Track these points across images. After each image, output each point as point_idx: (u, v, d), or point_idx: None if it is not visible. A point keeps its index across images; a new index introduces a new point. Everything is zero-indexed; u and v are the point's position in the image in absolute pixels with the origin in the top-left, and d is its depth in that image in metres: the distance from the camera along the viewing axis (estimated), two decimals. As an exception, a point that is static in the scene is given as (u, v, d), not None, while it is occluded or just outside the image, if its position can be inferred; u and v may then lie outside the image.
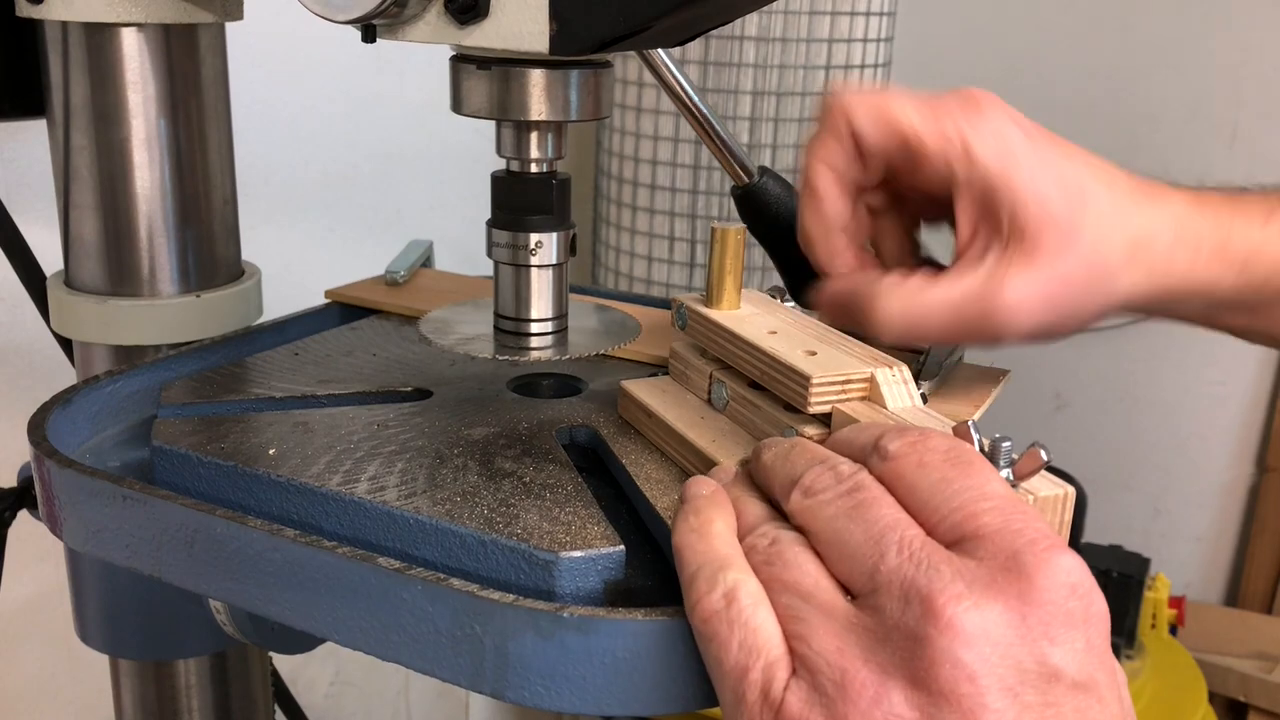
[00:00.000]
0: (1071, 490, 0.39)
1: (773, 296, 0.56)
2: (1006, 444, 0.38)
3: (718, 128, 0.58)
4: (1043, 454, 0.38)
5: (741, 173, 0.58)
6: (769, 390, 0.48)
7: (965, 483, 0.34)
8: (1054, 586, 0.31)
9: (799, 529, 0.37)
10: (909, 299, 0.46)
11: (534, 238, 0.50)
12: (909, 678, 0.31)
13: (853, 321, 0.49)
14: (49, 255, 0.68)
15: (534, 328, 0.52)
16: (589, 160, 1.48)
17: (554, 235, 0.51)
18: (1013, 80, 1.66)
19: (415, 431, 0.51)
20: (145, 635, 0.65)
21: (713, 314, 0.52)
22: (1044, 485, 0.39)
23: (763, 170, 0.59)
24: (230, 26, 0.64)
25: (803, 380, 0.45)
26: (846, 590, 0.34)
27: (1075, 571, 0.32)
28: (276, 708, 0.85)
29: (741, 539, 0.37)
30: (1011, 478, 0.38)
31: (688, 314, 0.53)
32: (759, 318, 0.51)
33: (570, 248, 0.52)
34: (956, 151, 0.47)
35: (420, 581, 0.38)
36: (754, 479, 0.40)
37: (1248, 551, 1.76)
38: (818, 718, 0.32)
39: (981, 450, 0.38)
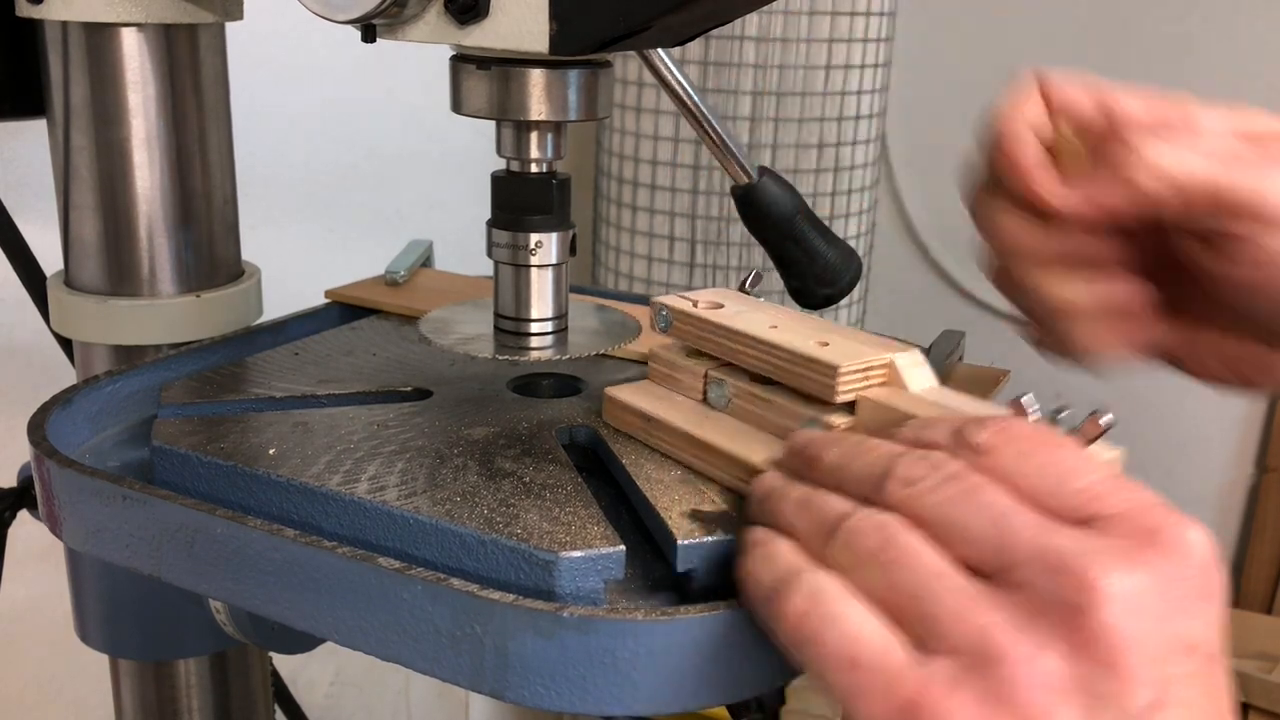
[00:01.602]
0: (1122, 452, 0.39)
1: (743, 291, 0.55)
2: (1065, 413, 0.38)
3: (718, 128, 0.58)
4: (1106, 419, 0.38)
5: (741, 173, 0.58)
6: (781, 384, 0.48)
7: (1072, 466, 0.34)
8: (1189, 561, 0.32)
9: None
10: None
11: (534, 238, 0.50)
12: (1066, 649, 0.31)
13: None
14: (49, 255, 0.68)
15: (534, 328, 0.52)
16: (589, 160, 1.48)
17: (554, 235, 0.51)
18: (1013, 80, 1.66)
19: (415, 431, 0.51)
20: (145, 635, 0.65)
21: (705, 313, 0.51)
22: (1098, 450, 0.39)
23: (763, 170, 0.59)
24: (230, 26, 0.64)
25: (828, 370, 0.45)
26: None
27: (1206, 545, 0.33)
28: (276, 708, 0.85)
29: (829, 535, 0.36)
30: None
31: (672, 315, 0.53)
32: (750, 314, 0.51)
33: (570, 248, 0.52)
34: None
35: (420, 581, 0.38)
36: (814, 480, 0.39)
37: (1248, 551, 1.76)
38: (969, 698, 0.31)
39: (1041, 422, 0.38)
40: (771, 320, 0.50)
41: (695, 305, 0.52)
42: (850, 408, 0.45)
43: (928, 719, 0.31)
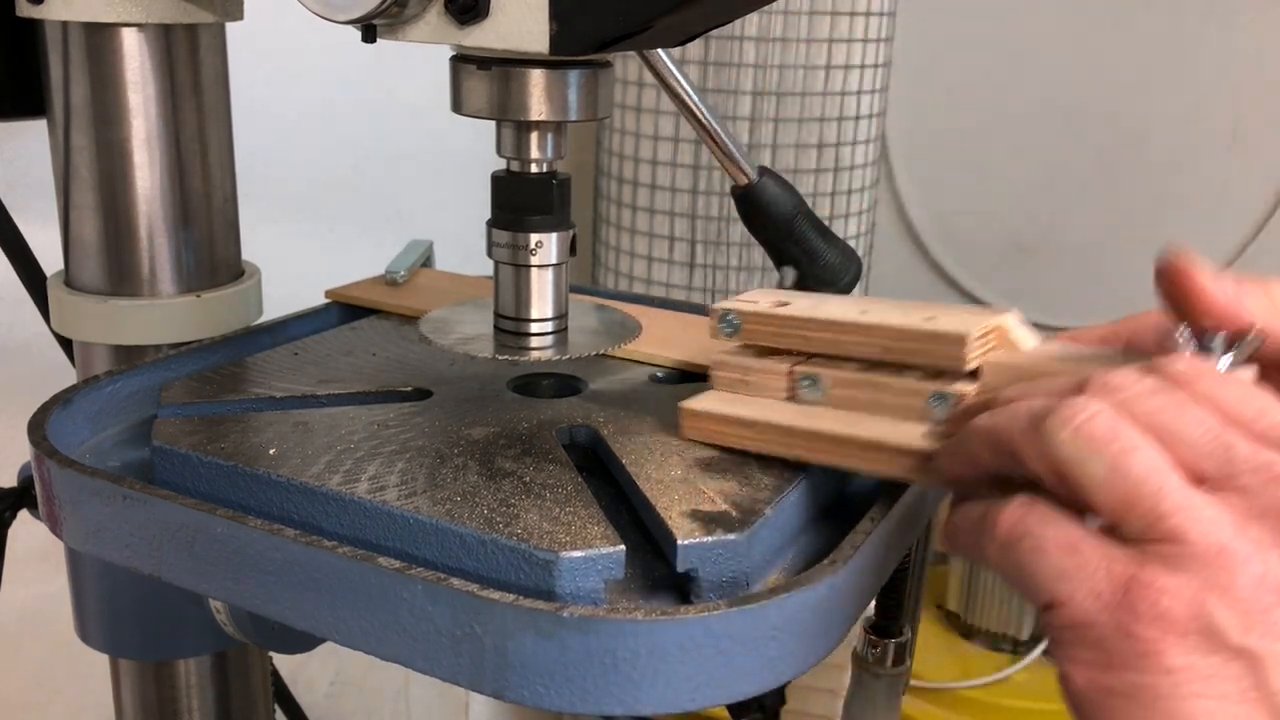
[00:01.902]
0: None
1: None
2: (1218, 338, 0.38)
3: (718, 128, 0.58)
4: (1253, 337, 0.38)
5: (741, 173, 0.58)
6: (895, 364, 0.47)
7: (1266, 402, 0.35)
8: None
9: None
10: None
11: (534, 238, 0.50)
12: None
13: None
14: (49, 255, 0.68)
15: (534, 327, 0.52)
16: (589, 160, 1.48)
17: (554, 235, 0.51)
18: (1013, 81, 1.67)
19: (415, 431, 0.51)
20: (145, 635, 0.65)
21: (782, 311, 0.50)
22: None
23: (763, 170, 0.59)
24: (230, 26, 0.64)
25: (956, 340, 0.44)
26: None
27: None
28: (276, 708, 0.85)
29: (1038, 424, 0.36)
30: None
31: (742, 318, 0.51)
32: (826, 305, 0.50)
33: (570, 248, 0.52)
34: None
35: (420, 581, 0.38)
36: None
37: (1248, 551, 1.76)
38: (1188, 582, 0.32)
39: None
40: (851, 307, 0.49)
41: (759, 305, 0.51)
42: (973, 375, 0.45)
43: (1145, 593, 0.32)
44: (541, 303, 0.52)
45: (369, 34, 0.45)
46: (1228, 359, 0.38)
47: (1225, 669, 0.32)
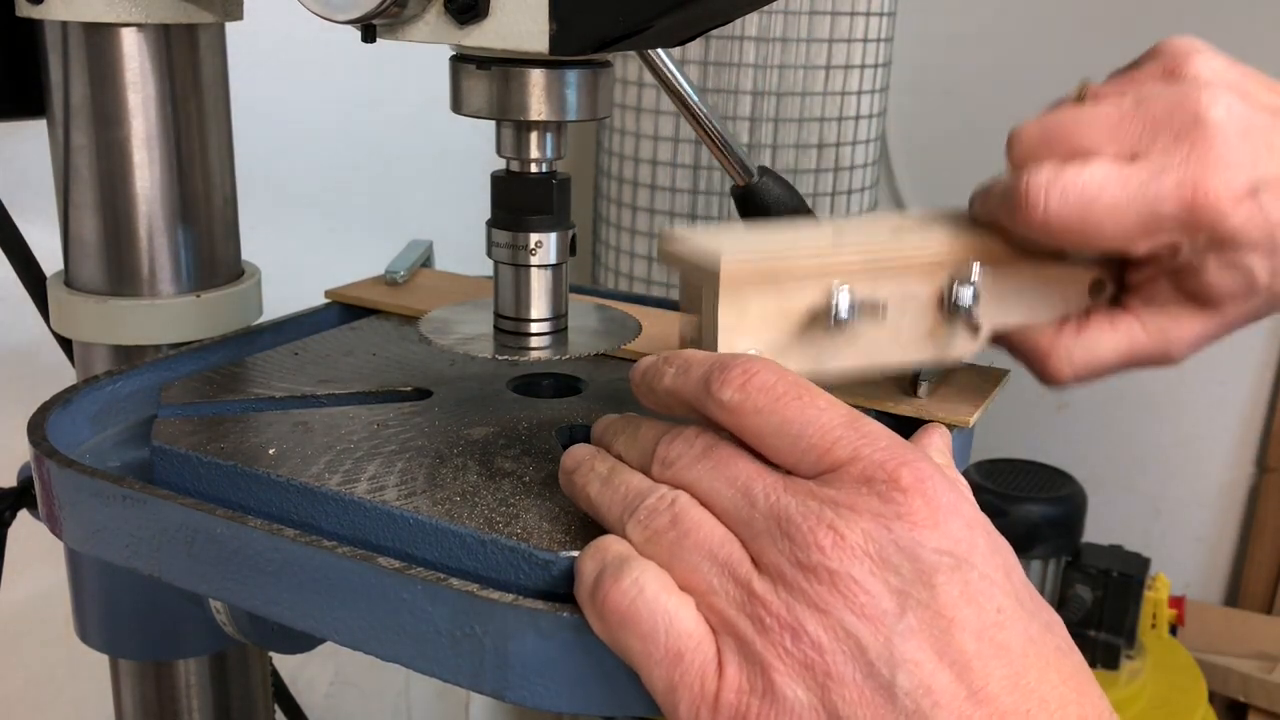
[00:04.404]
0: None
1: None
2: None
3: (718, 128, 0.58)
4: None
5: (741, 173, 0.58)
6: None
7: (805, 419, 0.37)
8: (898, 499, 0.35)
9: None
10: (1084, 354, 0.49)
11: (534, 238, 0.50)
12: (809, 609, 0.34)
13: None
14: (49, 255, 0.68)
15: (534, 327, 0.52)
16: (589, 160, 1.48)
17: (554, 235, 0.51)
18: (1013, 80, 1.66)
19: (415, 431, 0.51)
20: (145, 635, 0.65)
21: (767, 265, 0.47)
22: None
23: (763, 170, 0.59)
24: (230, 26, 0.64)
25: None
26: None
27: (920, 477, 0.35)
28: (276, 708, 0.85)
29: (631, 511, 0.39)
30: None
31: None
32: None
33: (570, 248, 0.52)
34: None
35: (420, 581, 0.38)
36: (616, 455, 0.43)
37: (1248, 551, 1.76)
38: (739, 675, 0.35)
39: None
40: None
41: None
42: None
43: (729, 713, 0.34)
44: (541, 303, 0.52)
45: (369, 34, 0.45)
46: None
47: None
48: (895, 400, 0.53)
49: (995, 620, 0.34)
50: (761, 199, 0.58)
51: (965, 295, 0.47)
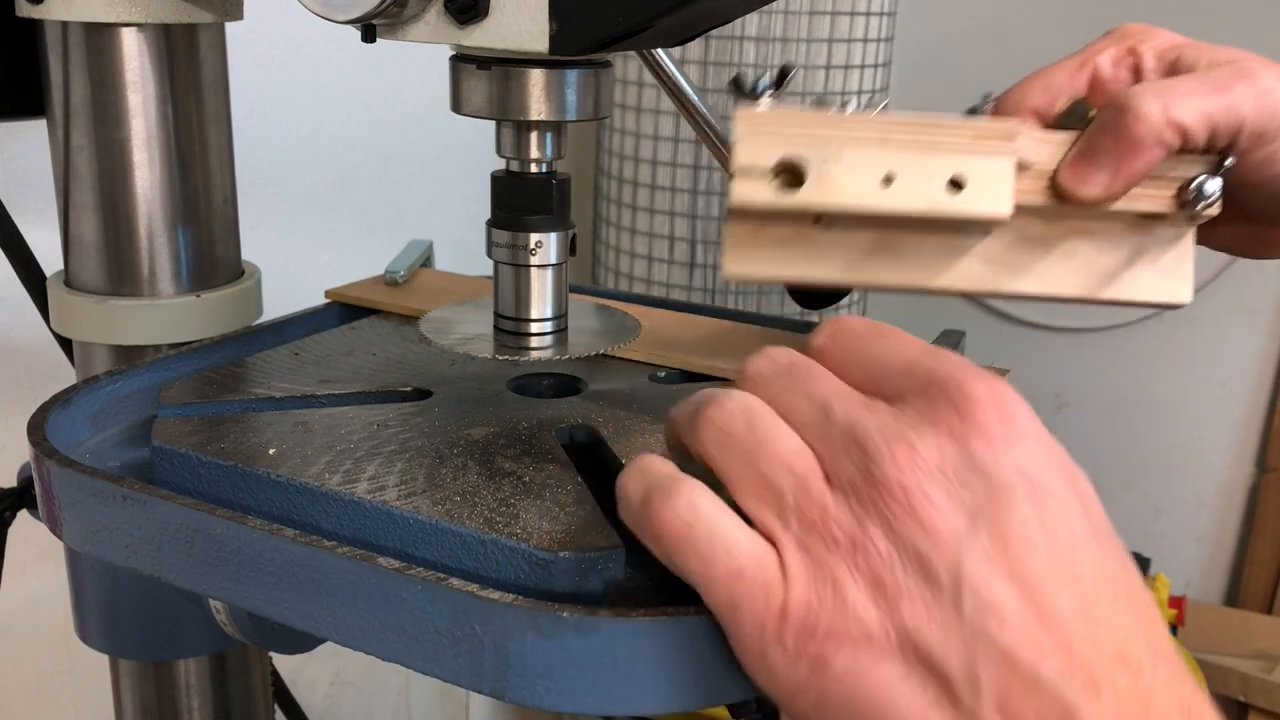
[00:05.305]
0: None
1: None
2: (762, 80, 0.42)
3: (718, 128, 0.58)
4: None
5: (741, 173, 0.58)
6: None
7: (886, 350, 0.38)
8: (975, 415, 0.35)
9: None
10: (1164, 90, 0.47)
11: (534, 238, 0.50)
12: (878, 520, 0.34)
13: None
14: (49, 255, 0.68)
15: (534, 327, 0.52)
16: (589, 160, 1.48)
17: (554, 235, 0.51)
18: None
19: (415, 431, 0.51)
20: (145, 635, 0.65)
21: (793, 202, 0.43)
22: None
23: (763, 170, 0.59)
24: (230, 26, 0.64)
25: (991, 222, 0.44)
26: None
27: (993, 394, 0.35)
28: (276, 708, 0.85)
29: (703, 413, 0.39)
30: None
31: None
32: (836, 182, 0.44)
33: (570, 248, 0.52)
34: None
35: (420, 581, 0.38)
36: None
37: (1248, 551, 1.76)
38: (823, 607, 0.34)
39: None
40: (871, 173, 0.44)
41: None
42: None
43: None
44: (541, 303, 0.52)
45: (369, 34, 0.45)
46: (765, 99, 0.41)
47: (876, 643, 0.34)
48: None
49: (1068, 545, 0.34)
50: (761, 199, 0.58)
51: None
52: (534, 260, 0.51)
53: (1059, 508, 0.34)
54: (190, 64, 0.61)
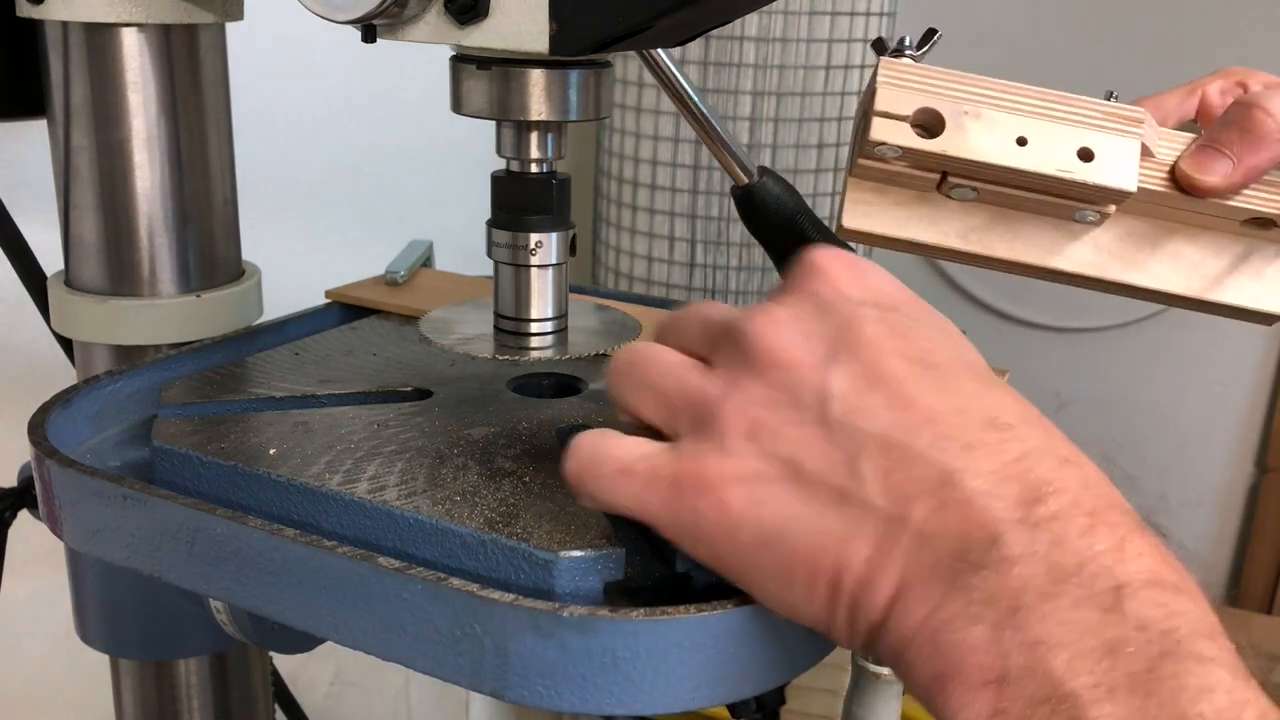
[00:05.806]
0: None
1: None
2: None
3: (718, 128, 0.58)
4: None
5: (741, 173, 0.58)
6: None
7: (709, 319, 0.41)
8: (827, 273, 0.39)
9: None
10: None
11: (534, 238, 0.50)
12: (753, 375, 0.38)
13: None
14: (49, 255, 0.68)
15: (534, 327, 0.52)
16: (589, 160, 1.48)
17: (554, 235, 0.51)
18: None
19: (415, 431, 0.51)
20: (145, 635, 0.65)
21: (933, 148, 0.44)
22: None
23: (763, 170, 0.59)
24: (230, 26, 0.64)
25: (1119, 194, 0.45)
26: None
27: (839, 254, 0.39)
28: (276, 708, 0.85)
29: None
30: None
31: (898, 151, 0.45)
32: (971, 136, 0.45)
33: (570, 248, 0.52)
34: None
35: (420, 581, 0.38)
36: None
37: (1248, 551, 1.76)
38: (707, 456, 0.37)
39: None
40: (1003, 134, 0.45)
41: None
42: None
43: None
44: (541, 303, 0.52)
45: (369, 34, 0.45)
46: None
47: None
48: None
49: (925, 346, 0.37)
50: (761, 199, 0.58)
51: None
52: (534, 260, 0.51)
53: (912, 323, 0.37)
54: (190, 64, 0.61)
